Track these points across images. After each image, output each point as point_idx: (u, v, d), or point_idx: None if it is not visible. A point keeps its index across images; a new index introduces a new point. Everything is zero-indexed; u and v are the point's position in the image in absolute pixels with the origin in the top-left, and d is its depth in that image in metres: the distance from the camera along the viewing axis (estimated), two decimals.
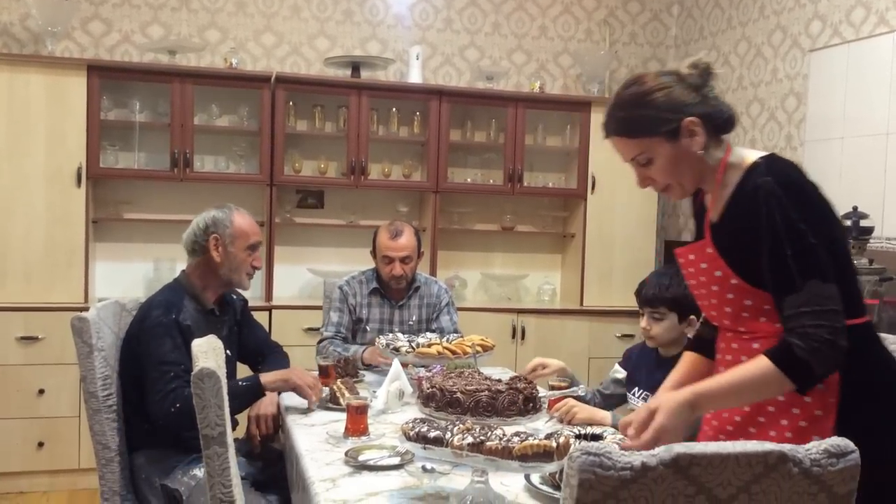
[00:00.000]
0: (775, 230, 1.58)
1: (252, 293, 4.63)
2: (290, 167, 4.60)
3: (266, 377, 2.56)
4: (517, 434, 1.70)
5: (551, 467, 1.65)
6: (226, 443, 1.75)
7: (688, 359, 1.95)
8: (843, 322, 1.56)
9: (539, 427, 2.25)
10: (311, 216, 4.80)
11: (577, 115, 4.88)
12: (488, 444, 1.66)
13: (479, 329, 3.58)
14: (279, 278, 4.60)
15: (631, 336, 4.67)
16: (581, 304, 4.86)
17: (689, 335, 2.58)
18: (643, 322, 2.59)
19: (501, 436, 1.70)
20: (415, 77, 4.77)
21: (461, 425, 1.78)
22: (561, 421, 2.38)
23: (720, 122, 1.72)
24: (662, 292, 2.52)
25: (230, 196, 4.40)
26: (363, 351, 3.16)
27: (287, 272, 4.69)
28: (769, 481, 1.21)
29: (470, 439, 1.68)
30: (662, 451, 1.17)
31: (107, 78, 4.25)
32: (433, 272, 4.61)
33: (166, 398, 2.39)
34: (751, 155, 1.71)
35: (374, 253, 3.38)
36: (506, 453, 1.64)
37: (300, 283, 4.79)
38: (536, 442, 1.62)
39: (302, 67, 4.81)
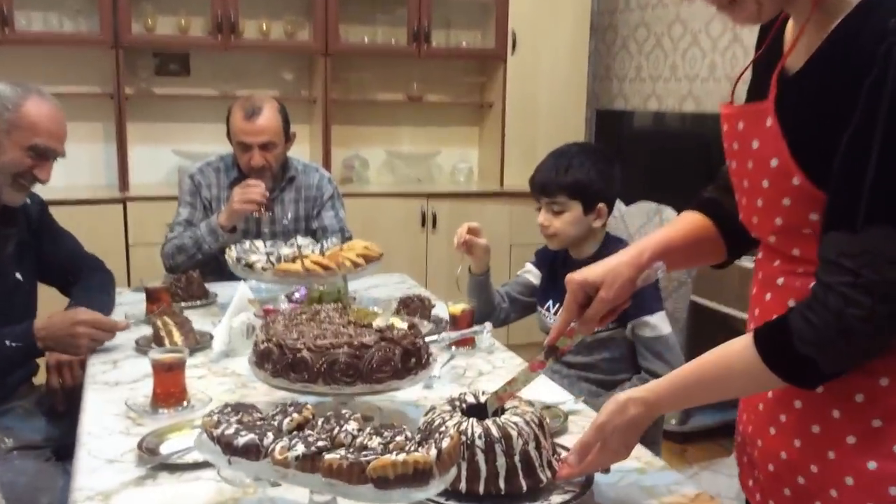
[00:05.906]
0: (873, 120, 0.93)
1: (100, 182, 3.92)
2: (141, 25, 3.86)
3: (40, 325, 1.85)
4: (378, 431, 1.07)
5: (428, 492, 1.04)
6: None
7: (686, 219, 1.31)
8: None
9: (429, 394, 1.65)
10: (174, 86, 4.11)
11: None
12: (328, 457, 1.03)
13: (384, 218, 3.13)
14: (136, 163, 3.93)
15: None
16: (501, 185, 4.41)
17: (598, 227, 2.06)
18: (540, 217, 2.10)
19: (354, 432, 1.08)
20: None
21: (295, 413, 1.15)
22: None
23: None
24: (560, 176, 2.06)
25: (65, 63, 3.79)
26: (217, 217, 2.48)
27: (146, 155, 4.02)
28: None
29: (301, 448, 1.05)
30: None
31: None
32: (327, 153, 4.00)
33: None
34: None
35: (229, 137, 2.64)
36: (355, 473, 1.02)
37: (165, 168, 4.10)
38: (401, 458, 1.00)
39: None
